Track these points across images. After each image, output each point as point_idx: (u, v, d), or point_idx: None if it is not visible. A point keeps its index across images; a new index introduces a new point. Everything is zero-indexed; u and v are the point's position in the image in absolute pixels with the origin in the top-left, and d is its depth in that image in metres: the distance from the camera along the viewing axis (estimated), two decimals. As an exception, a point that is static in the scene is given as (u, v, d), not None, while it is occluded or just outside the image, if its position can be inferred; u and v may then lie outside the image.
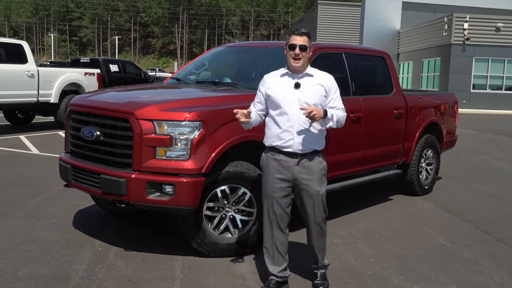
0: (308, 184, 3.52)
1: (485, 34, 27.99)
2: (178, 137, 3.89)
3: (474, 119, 21.42)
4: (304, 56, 3.46)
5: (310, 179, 3.51)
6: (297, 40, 3.45)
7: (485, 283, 3.99)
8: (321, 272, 3.78)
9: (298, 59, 3.44)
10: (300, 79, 3.50)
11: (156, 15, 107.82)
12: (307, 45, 3.47)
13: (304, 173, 3.51)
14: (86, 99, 4.66)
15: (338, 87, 3.62)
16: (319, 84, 3.51)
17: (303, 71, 3.53)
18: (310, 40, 3.51)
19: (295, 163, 3.49)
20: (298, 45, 3.44)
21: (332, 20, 43.32)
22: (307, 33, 3.49)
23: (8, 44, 11.97)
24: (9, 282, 3.65)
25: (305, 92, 3.47)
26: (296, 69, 3.50)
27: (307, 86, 3.48)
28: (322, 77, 3.56)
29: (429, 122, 6.71)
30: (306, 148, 3.49)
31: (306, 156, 3.50)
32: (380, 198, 6.58)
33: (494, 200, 6.79)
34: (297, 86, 3.47)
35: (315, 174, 3.53)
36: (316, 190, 3.53)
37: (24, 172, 7.49)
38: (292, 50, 3.45)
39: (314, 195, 3.54)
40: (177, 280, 3.81)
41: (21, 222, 5.05)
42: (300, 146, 3.47)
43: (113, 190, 4.00)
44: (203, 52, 7.43)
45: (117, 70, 19.14)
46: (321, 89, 3.50)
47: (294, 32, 3.48)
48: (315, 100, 3.46)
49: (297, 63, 3.46)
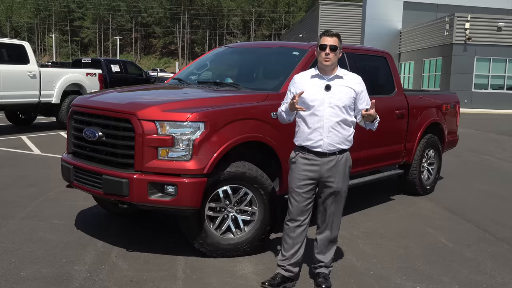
0: (333, 181, 3.65)
1: (486, 33, 27.97)
2: (180, 137, 3.90)
3: (475, 119, 21.40)
4: (335, 56, 3.58)
5: (335, 177, 3.65)
6: (327, 40, 3.58)
7: (487, 283, 3.99)
8: (324, 272, 3.80)
9: (328, 58, 3.56)
10: (330, 81, 3.62)
11: (158, 15, 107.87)
12: (337, 46, 3.59)
13: (330, 171, 3.63)
14: (88, 99, 4.67)
15: (366, 88, 3.75)
16: (348, 86, 3.63)
17: (333, 72, 3.65)
18: (340, 41, 3.64)
19: (324, 162, 3.62)
20: (329, 45, 3.56)
21: (333, 20, 43.26)
22: (337, 35, 3.63)
23: (10, 44, 11.99)
24: (12, 283, 3.65)
25: (335, 94, 3.58)
26: (326, 69, 3.62)
27: (337, 88, 3.60)
28: (352, 79, 3.69)
29: (430, 122, 6.71)
30: (335, 148, 3.62)
31: (335, 155, 3.63)
32: (382, 198, 6.58)
33: (496, 200, 6.78)
34: (328, 88, 3.59)
35: (340, 172, 3.66)
36: (339, 187, 3.68)
37: (26, 172, 7.50)
38: (323, 50, 3.57)
39: (337, 193, 3.69)
40: (179, 280, 3.81)
41: (23, 223, 5.06)
42: (329, 146, 3.59)
43: (115, 190, 4.01)
44: (205, 52, 7.43)
45: (119, 70, 19.16)
46: (351, 91, 3.63)
47: (325, 33, 3.63)
48: (345, 102, 3.60)
49: (327, 62, 3.57)
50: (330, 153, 3.60)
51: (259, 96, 4.57)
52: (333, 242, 3.84)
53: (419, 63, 32.71)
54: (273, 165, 4.56)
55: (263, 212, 4.28)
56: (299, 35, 50.59)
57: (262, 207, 4.28)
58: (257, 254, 4.34)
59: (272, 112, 4.43)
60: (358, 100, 3.68)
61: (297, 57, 5.06)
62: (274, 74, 5.36)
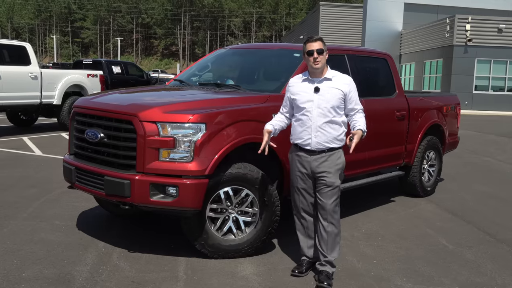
0: (325, 176, 3.85)
1: (487, 35, 27.97)
2: (182, 139, 3.91)
3: (476, 120, 21.39)
4: (322, 58, 3.80)
5: (326, 172, 3.84)
6: (313, 46, 3.81)
7: (488, 284, 3.99)
8: (327, 271, 3.86)
9: (317, 61, 3.78)
10: (319, 83, 3.84)
11: (159, 16, 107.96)
12: (323, 48, 3.81)
13: (321, 167, 3.84)
14: (90, 101, 4.69)
15: (356, 88, 3.94)
16: (336, 88, 3.83)
17: (322, 74, 3.86)
18: (324, 43, 3.86)
19: (313, 159, 3.85)
20: (315, 50, 3.78)
21: (334, 22, 43.33)
22: (319, 38, 3.86)
23: (12, 46, 12.00)
24: (13, 284, 3.67)
25: (324, 95, 3.80)
26: (316, 72, 3.84)
27: (325, 90, 3.82)
28: (340, 81, 3.88)
29: (431, 123, 6.72)
30: (323, 147, 3.83)
31: (324, 153, 3.84)
32: (383, 199, 6.59)
33: (496, 202, 6.79)
34: (317, 91, 3.82)
35: (331, 168, 3.84)
36: (331, 181, 3.85)
37: (27, 173, 7.52)
38: (311, 56, 3.80)
39: (329, 187, 3.85)
40: (180, 281, 3.82)
41: (25, 224, 5.07)
42: (317, 145, 3.81)
43: (116, 191, 4.02)
44: (205, 54, 7.44)
45: (120, 71, 19.18)
46: (339, 92, 3.82)
47: (309, 40, 3.86)
48: (333, 103, 3.80)
49: (317, 65, 3.79)
50: (319, 151, 3.83)
51: (260, 97, 4.59)
52: (334, 239, 3.90)
53: (420, 65, 32.71)
54: (274, 167, 4.57)
55: (264, 214, 4.29)
56: (299, 37, 50.61)
57: (263, 209, 4.29)
58: (258, 256, 4.35)
59: (273, 114, 4.43)
60: (347, 100, 3.86)
61: (298, 59, 5.07)
62: (275, 76, 5.37)
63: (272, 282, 3.87)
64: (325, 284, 3.76)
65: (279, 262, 4.28)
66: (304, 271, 4.01)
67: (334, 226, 3.89)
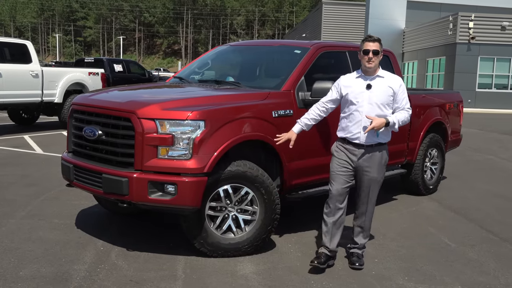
0: (369, 171, 4.05)
1: (490, 33, 27.86)
2: (180, 136, 3.87)
3: (479, 118, 21.32)
4: (376, 59, 3.96)
5: (371, 167, 4.05)
6: (370, 46, 3.96)
7: (491, 283, 3.94)
8: (358, 252, 4.21)
9: (372, 61, 3.94)
10: (371, 80, 4.01)
11: (162, 15, 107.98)
12: (379, 50, 3.97)
13: (366, 161, 4.04)
14: (88, 98, 4.65)
15: (405, 90, 4.10)
16: (388, 86, 4.01)
17: (375, 73, 4.03)
18: (381, 45, 4.01)
19: (361, 153, 4.03)
20: (371, 50, 3.94)
21: (336, 20, 43.28)
22: (378, 39, 4.02)
23: (13, 44, 11.98)
24: (10, 282, 3.63)
25: (375, 92, 3.97)
26: (369, 71, 4.00)
27: (377, 87, 3.99)
28: (391, 79, 4.05)
29: (433, 121, 6.67)
30: (371, 141, 4.01)
31: (371, 147, 4.03)
32: (384, 197, 6.53)
33: (499, 200, 6.73)
34: (369, 87, 3.98)
35: (376, 163, 4.06)
36: (374, 176, 4.08)
37: (28, 171, 7.50)
38: (366, 55, 3.96)
39: (373, 181, 4.09)
40: (179, 280, 3.78)
41: (23, 222, 5.04)
42: (366, 139, 3.99)
43: (115, 189, 3.98)
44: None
45: (121, 69, 19.19)
46: (389, 90, 4.00)
47: (367, 39, 4.02)
48: (383, 100, 3.97)
49: (371, 64, 3.96)
50: (367, 145, 4.00)
51: (260, 94, 4.54)
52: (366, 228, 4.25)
53: (423, 63, 32.62)
54: (274, 164, 4.53)
55: (264, 212, 4.25)
56: (302, 35, 50.57)
57: (263, 207, 4.24)
58: (258, 254, 4.31)
59: (273, 111, 4.40)
60: (395, 99, 4.03)
61: (299, 56, 5.02)
62: (275, 73, 5.32)
63: (272, 281, 3.83)
64: (357, 265, 4.11)
65: (279, 261, 4.23)
66: (323, 262, 4.01)
67: (368, 223, 4.24)
